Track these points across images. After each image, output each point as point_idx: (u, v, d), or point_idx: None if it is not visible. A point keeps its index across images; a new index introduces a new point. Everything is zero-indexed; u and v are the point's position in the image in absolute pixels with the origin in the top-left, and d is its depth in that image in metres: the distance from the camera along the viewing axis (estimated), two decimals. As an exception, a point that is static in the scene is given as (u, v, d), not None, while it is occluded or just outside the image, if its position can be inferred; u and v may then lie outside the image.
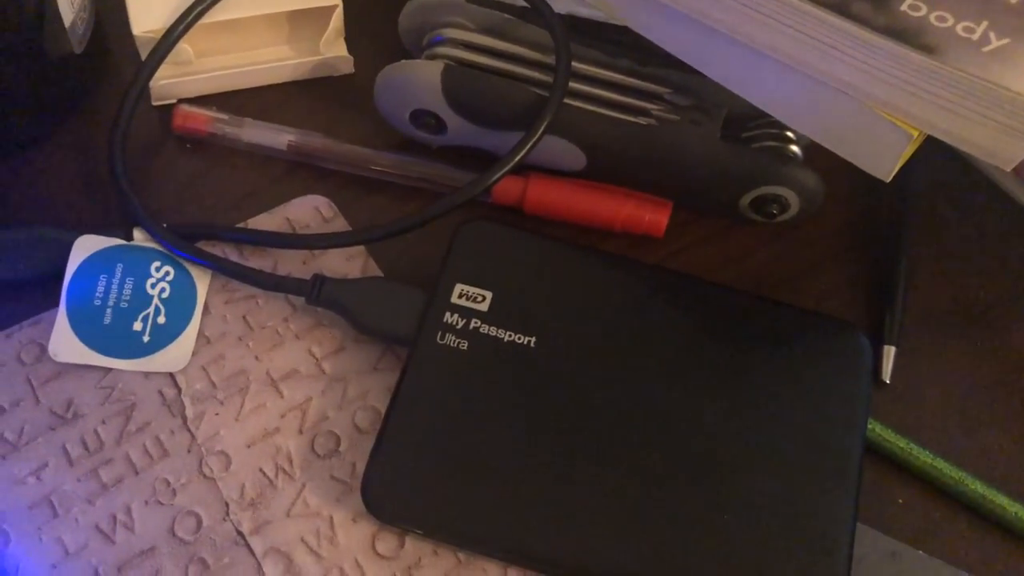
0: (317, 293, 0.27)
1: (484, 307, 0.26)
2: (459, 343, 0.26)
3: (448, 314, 0.26)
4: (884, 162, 0.26)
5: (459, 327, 0.26)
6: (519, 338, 0.26)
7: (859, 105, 0.25)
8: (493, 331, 0.26)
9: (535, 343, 0.26)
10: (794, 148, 0.31)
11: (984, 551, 0.27)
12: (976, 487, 0.27)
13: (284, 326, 0.28)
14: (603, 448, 0.25)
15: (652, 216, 0.31)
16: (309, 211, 0.30)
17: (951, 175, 0.34)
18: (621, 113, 0.30)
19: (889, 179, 0.27)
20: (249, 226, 0.30)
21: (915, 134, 0.25)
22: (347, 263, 0.29)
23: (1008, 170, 0.24)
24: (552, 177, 0.31)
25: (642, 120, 0.30)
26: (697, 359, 0.27)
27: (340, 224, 0.30)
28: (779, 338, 0.27)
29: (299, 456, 0.26)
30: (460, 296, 0.27)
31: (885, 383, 0.29)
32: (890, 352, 0.30)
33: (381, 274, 0.29)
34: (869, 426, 0.28)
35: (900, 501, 0.28)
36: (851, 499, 0.25)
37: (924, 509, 0.28)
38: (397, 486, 0.24)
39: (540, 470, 0.25)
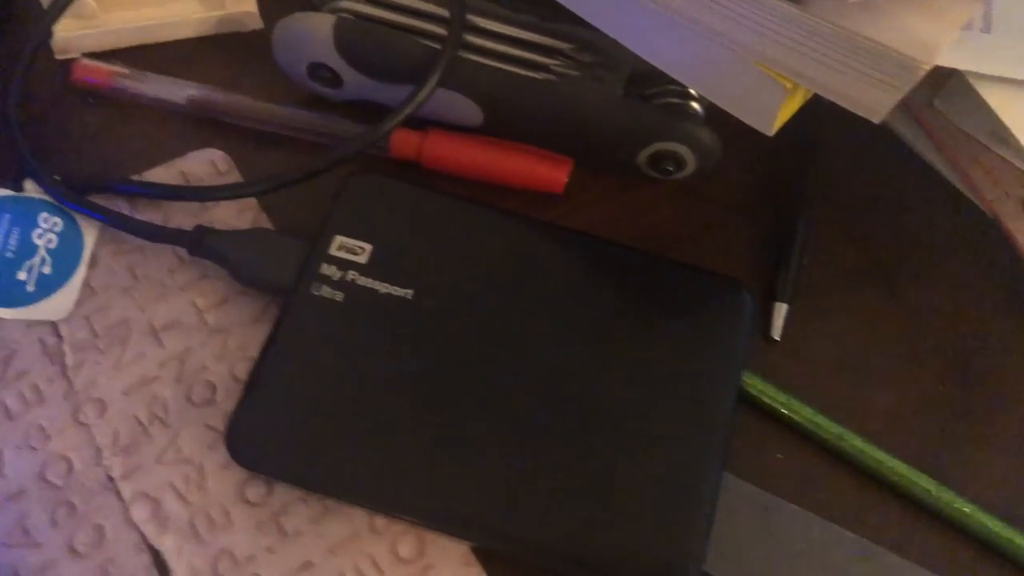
0: (198, 244, 0.27)
1: (363, 259, 0.27)
2: (334, 295, 0.26)
3: (325, 265, 0.26)
4: (765, 115, 0.26)
5: (336, 279, 0.26)
6: (396, 290, 0.26)
7: (735, 56, 0.25)
8: (370, 283, 0.26)
9: (413, 296, 0.26)
10: (695, 106, 0.30)
11: (861, 505, 0.27)
12: (855, 442, 0.27)
13: (170, 278, 0.28)
14: (472, 401, 0.25)
15: (550, 172, 0.31)
16: (205, 165, 0.30)
17: (858, 134, 0.34)
18: (520, 68, 0.30)
19: (772, 132, 0.26)
20: (144, 179, 0.30)
21: (789, 85, 0.25)
22: (238, 216, 0.29)
23: (876, 121, 0.24)
24: (452, 133, 0.31)
25: (541, 76, 0.30)
26: (575, 314, 0.27)
27: (234, 178, 0.30)
28: (661, 293, 0.27)
29: (175, 404, 0.26)
30: (339, 248, 0.27)
31: (775, 340, 0.29)
32: (781, 309, 0.30)
33: (272, 228, 0.29)
34: (750, 382, 0.28)
35: (780, 456, 0.28)
36: (718, 452, 0.25)
37: (804, 464, 0.28)
38: (261, 434, 0.24)
39: (407, 422, 0.25)
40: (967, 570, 0.27)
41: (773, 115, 0.26)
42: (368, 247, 0.27)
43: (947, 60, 0.27)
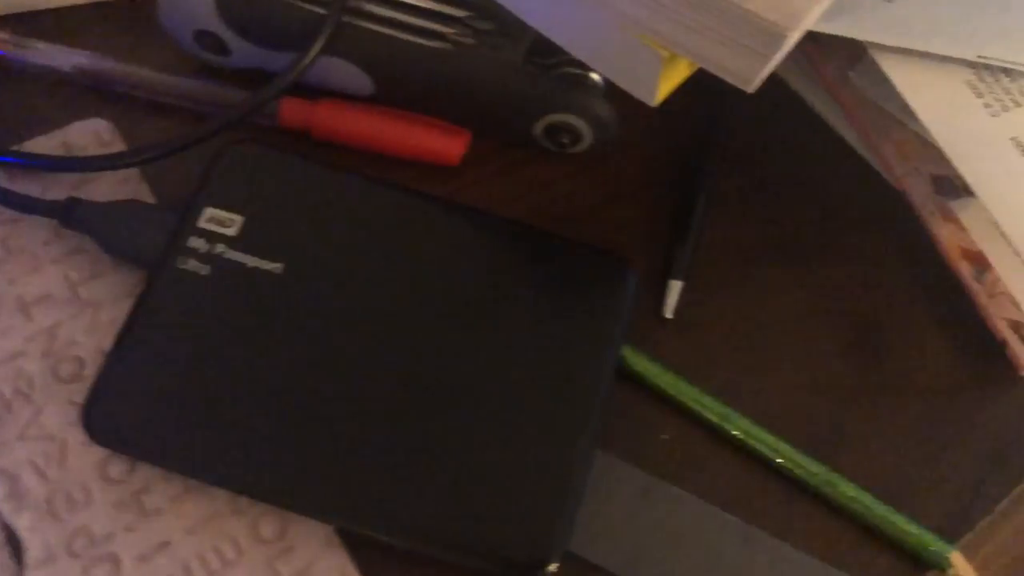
0: (69, 215, 0.26)
1: (232, 232, 0.26)
2: (200, 268, 0.25)
3: (193, 238, 0.26)
4: (646, 85, 0.25)
5: (203, 252, 0.25)
6: (265, 265, 0.26)
7: (611, 23, 0.24)
8: (238, 257, 0.26)
9: (282, 270, 0.25)
10: (595, 77, 0.29)
11: (746, 487, 0.27)
12: (740, 423, 0.27)
13: (43, 250, 0.27)
14: (337, 381, 0.24)
15: (444, 144, 0.30)
16: (88, 135, 0.29)
17: (770, 108, 0.33)
18: (414, 36, 0.29)
19: (654, 103, 0.26)
20: (24, 149, 0.29)
21: (665, 54, 0.24)
22: (119, 188, 0.28)
23: (749, 91, 0.23)
24: (343, 102, 0.30)
25: (435, 43, 0.29)
26: (451, 291, 0.26)
27: (118, 148, 0.29)
28: (542, 269, 0.27)
29: (41, 380, 0.25)
30: (209, 220, 0.26)
31: (668, 319, 0.29)
32: (675, 287, 0.29)
33: (153, 200, 0.29)
34: (636, 361, 0.27)
35: (665, 437, 0.27)
36: (589, 432, 0.25)
37: (689, 445, 0.27)
38: (119, 411, 0.24)
39: (269, 402, 0.24)
40: (850, 554, 0.26)
41: (654, 85, 0.25)
42: (239, 219, 0.26)
43: (836, 28, 0.26)
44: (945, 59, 0.27)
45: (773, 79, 0.34)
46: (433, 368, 0.25)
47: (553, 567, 0.23)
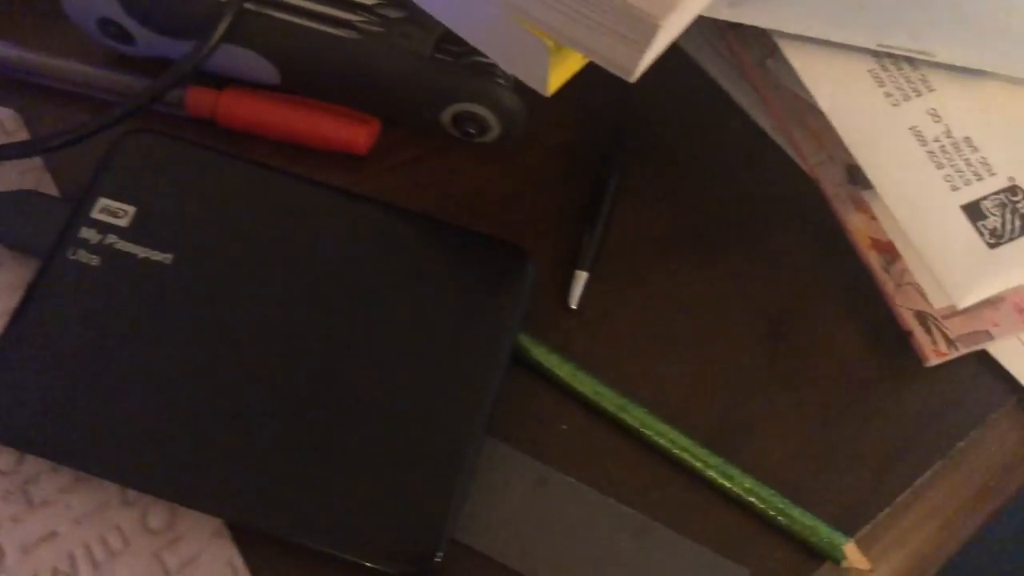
0: (-39, 206, 0.26)
1: (124, 223, 0.26)
2: (91, 259, 0.25)
3: (85, 229, 0.25)
4: (537, 75, 0.25)
5: (94, 243, 0.25)
6: (155, 255, 0.25)
7: (499, 11, 0.24)
8: (129, 248, 0.25)
9: (172, 261, 0.25)
10: (503, 65, 0.29)
11: (644, 479, 0.27)
12: (637, 414, 0.27)
13: (-59, 240, 0.27)
14: (225, 375, 0.24)
15: (351, 133, 0.30)
16: (-8, 124, 0.29)
17: (689, 98, 0.33)
18: (322, 24, 0.29)
19: (547, 93, 0.25)
20: (-73, 138, 0.29)
21: (551, 44, 0.24)
22: (22, 178, 0.28)
23: (631, 81, 0.23)
24: (250, 90, 0.30)
25: (342, 32, 0.29)
26: (344, 283, 0.26)
27: (22, 137, 0.29)
28: (439, 260, 0.26)
29: (-68, 371, 0.25)
30: (102, 211, 0.26)
31: (573, 309, 0.29)
32: (580, 278, 0.29)
33: (56, 190, 0.28)
34: (536, 351, 0.27)
35: (564, 427, 0.27)
36: (478, 422, 0.24)
37: (588, 436, 0.27)
38: (5, 402, 0.24)
39: (157, 394, 0.24)
40: (747, 546, 0.26)
41: (544, 74, 0.25)
42: (132, 210, 0.26)
43: (741, 16, 0.26)
44: (848, 48, 0.27)
45: (692, 68, 0.34)
46: (324, 360, 0.25)
47: (439, 557, 0.23)
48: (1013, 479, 0.29)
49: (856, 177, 0.30)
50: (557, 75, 0.25)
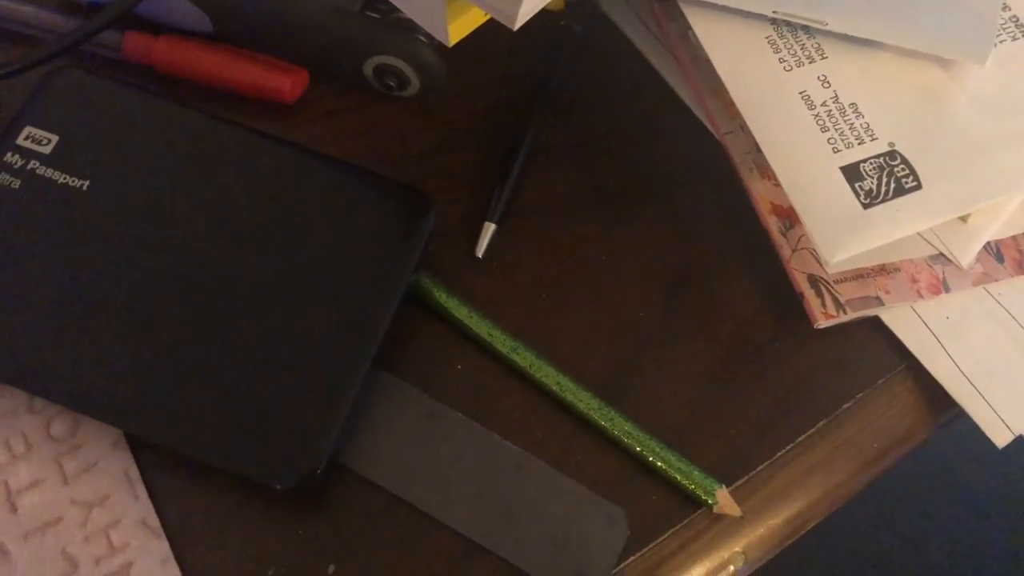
0: (-103, 130, 0.28)
1: (47, 150, 0.27)
2: (12, 182, 0.27)
3: (10, 154, 0.27)
4: (437, 24, 0.26)
5: (17, 167, 0.27)
6: (73, 181, 0.27)
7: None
8: (49, 173, 0.27)
9: (88, 187, 0.27)
10: (426, 22, 0.30)
11: (530, 418, 0.28)
12: (527, 356, 0.28)
13: None
14: (130, 294, 0.26)
15: (277, 82, 0.31)
16: (-60, 58, 0.31)
17: (610, 64, 0.34)
18: (252, -24, 0.30)
19: (449, 43, 0.27)
20: None
21: (446, -6, 0.25)
22: (-37, 109, 0.30)
23: (514, 28, 0.24)
24: (185, 38, 0.31)
25: (272, -15, 0.30)
26: (249, 214, 0.27)
27: (-34, 72, 0.31)
28: (344, 199, 0.28)
29: None
30: (27, 138, 0.27)
31: (478, 258, 0.30)
32: (488, 228, 0.30)
33: (-7, 121, 0.30)
34: (436, 294, 0.28)
35: (459, 367, 0.28)
36: (367, 352, 0.26)
37: (481, 376, 0.28)
38: (-81, 308, 0.25)
39: (65, 309, 0.25)
40: (624, 488, 0.27)
41: (442, 24, 0.26)
42: (55, 138, 0.27)
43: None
44: (748, 15, 0.28)
45: (618, 36, 0.35)
46: (227, 285, 0.26)
47: (318, 472, 0.24)
48: (898, 444, 0.30)
49: (765, 146, 0.31)
50: (457, 27, 0.26)
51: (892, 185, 0.25)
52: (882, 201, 0.25)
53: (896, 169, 0.26)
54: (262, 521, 0.25)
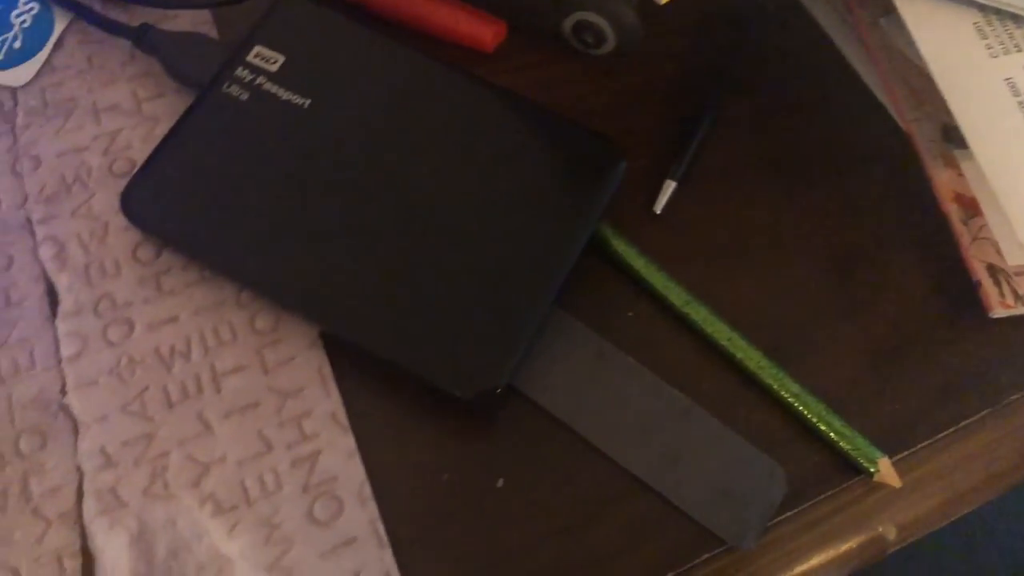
0: (142, 38, 0.30)
1: (274, 68, 0.29)
2: (241, 94, 0.29)
3: (241, 69, 0.29)
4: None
5: (246, 81, 0.29)
6: (295, 99, 0.29)
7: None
8: (274, 89, 0.29)
9: (309, 106, 0.29)
10: (627, -16, 0.32)
11: (698, 371, 0.28)
12: (701, 312, 0.28)
13: (120, 69, 0.31)
14: (342, 205, 0.28)
15: (479, 29, 0.33)
16: (175, -19, 0.33)
17: (796, 40, 0.35)
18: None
19: (661, 2, 0.28)
20: (120, -14, 0.33)
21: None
22: (192, 27, 0.32)
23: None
24: (398, -19, 0.33)
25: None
26: (454, 145, 0.29)
27: (197, -5, 0.33)
28: (542, 140, 0.29)
29: (98, 172, 0.30)
30: (256, 56, 0.29)
31: (657, 214, 0.31)
32: (668, 186, 0.31)
33: (216, 37, 0.32)
34: (616, 243, 0.29)
35: (631, 314, 0.29)
36: (551, 288, 0.27)
37: (651, 325, 0.29)
38: (153, 199, 0.28)
39: (281, 212, 0.27)
40: (784, 447, 0.28)
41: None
42: (282, 58, 0.29)
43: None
44: (956, 1, 0.28)
45: (807, 21, 0.35)
46: (427, 205, 0.28)
47: (499, 389, 0.26)
48: (1061, 444, 0.29)
49: (950, 136, 0.31)
50: (673, -17, 0.27)
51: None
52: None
53: (1104, 161, 0.26)
54: (440, 430, 0.27)
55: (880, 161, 0.33)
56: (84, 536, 0.25)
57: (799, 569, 0.27)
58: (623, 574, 0.26)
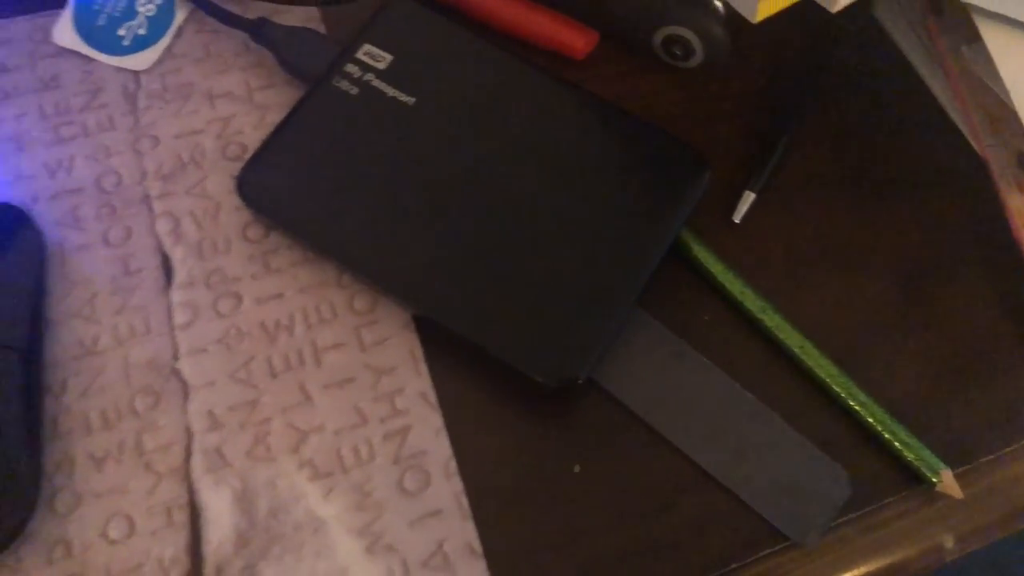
0: (258, 31, 0.32)
1: (382, 66, 0.31)
2: (351, 89, 0.31)
3: (350, 65, 0.31)
4: (749, 2, 0.28)
5: (355, 77, 0.31)
6: (401, 96, 0.31)
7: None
8: (382, 86, 0.31)
9: (414, 103, 0.31)
10: (717, 2, 0.33)
11: (768, 375, 0.30)
12: (775, 319, 0.30)
13: (234, 59, 0.33)
14: (440, 198, 0.29)
15: (572, 37, 0.34)
16: (286, -22, 0.35)
17: (876, 62, 0.36)
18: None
19: (754, 20, 0.29)
20: (236, -19, 0.35)
21: (770, -28, 0.27)
22: (303, 24, 0.34)
23: (833, 12, 0.26)
24: (496, -12, 0.35)
25: (582, -49, 0.33)
26: (547, 146, 0.30)
27: (307, -7, 0.35)
28: (632, 145, 0.30)
29: (211, 154, 0.32)
30: (365, 54, 0.31)
31: (735, 223, 0.32)
32: (748, 197, 0.32)
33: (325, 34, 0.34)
34: (696, 249, 0.31)
35: (707, 318, 0.31)
36: (634, 288, 0.28)
37: (726, 329, 0.30)
38: (265, 183, 0.29)
39: (384, 201, 0.29)
40: (848, 453, 0.29)
41: (755, 2, 0.28)
42: (389, 57, 0.31)
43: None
44: (1043, 31, 0.29)
45: (889, 46, 0.37)
46: (520, 201, 0.29)
47: (581, 379, 0.27)
48: (1120, 468, 0.30)
49: (1025, 163, 0.32)
50: (768, 3, 0.28)
51: None
52: None
53: None
54: (522, 415, 0.28)
55: (955, 183, 0.34)
56: (191, 491, 0.27)
57: (857, 572, 0.28)
58: (688, 562, 0.27)
